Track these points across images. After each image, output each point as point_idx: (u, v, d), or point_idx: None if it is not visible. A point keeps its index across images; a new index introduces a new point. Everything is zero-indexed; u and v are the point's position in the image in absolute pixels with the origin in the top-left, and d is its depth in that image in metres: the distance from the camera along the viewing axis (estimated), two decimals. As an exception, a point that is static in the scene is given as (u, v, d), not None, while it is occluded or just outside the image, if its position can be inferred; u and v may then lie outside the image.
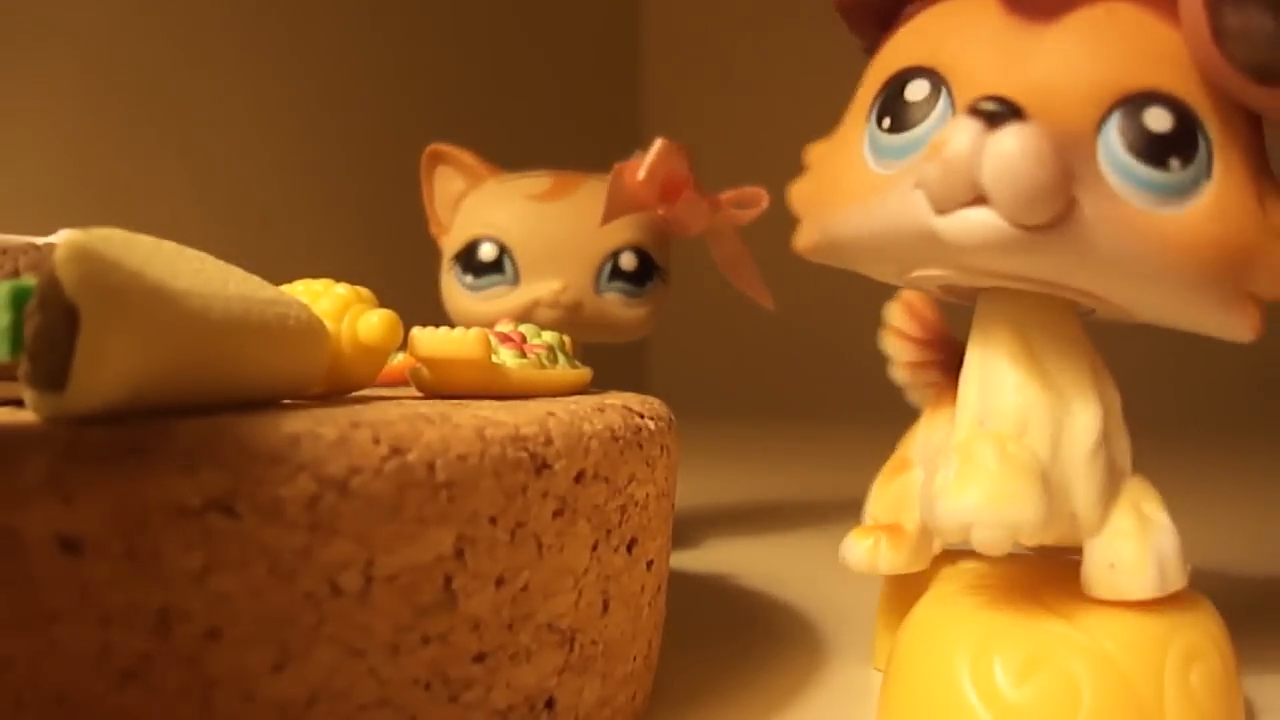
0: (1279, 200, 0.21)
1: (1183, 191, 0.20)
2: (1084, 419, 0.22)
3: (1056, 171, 0.19)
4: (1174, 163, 0.20)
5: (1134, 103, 0.20)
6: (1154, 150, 0.19)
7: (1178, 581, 0.21)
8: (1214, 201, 0.20)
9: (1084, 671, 0.20)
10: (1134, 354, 0.23)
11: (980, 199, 0.19)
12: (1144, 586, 0.21)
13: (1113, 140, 0.20)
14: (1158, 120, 0.20)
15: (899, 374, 0.28)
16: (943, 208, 0.19)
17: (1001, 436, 0.21)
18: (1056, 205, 0.19)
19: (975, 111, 0.19)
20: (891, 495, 0.27)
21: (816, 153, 0.24)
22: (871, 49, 0.24)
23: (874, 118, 0.22)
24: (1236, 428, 1.02)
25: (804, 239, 0.24)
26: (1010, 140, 0.18)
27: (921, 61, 0.21)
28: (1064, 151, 0.19)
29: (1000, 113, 0.19)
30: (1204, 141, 0.20)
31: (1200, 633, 0.22)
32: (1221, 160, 0.20)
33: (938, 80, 0.21)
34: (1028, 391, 0.22)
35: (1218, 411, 1.07)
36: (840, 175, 0.22)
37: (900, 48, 0.22)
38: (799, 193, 0.24)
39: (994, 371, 0.22)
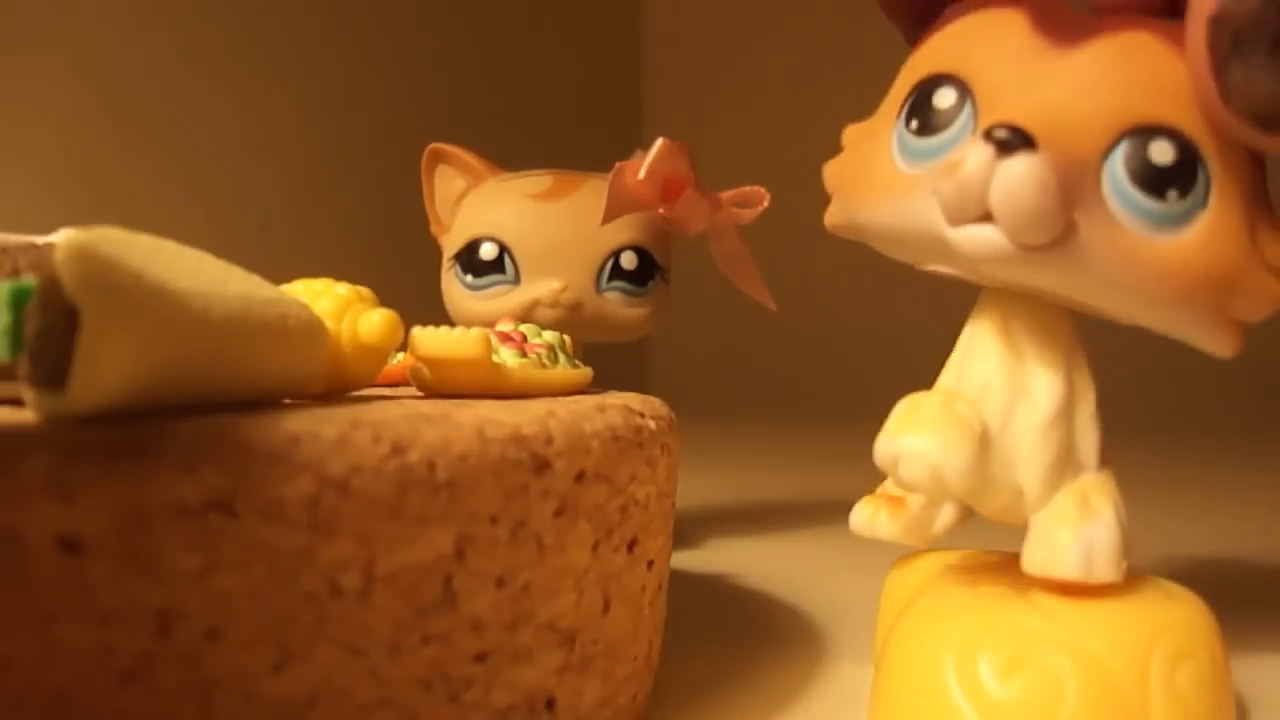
0: (1269, 230, 0.22)
1: (1178, 220, 0.21)
2: (1042, 394, 0.23)
3: (1058, 199, 0.20)
4: (1172, 194, 0.21)
5: (1141, 134, 0.21)
6: (1155, 181, 0.21)
7: (1106, 573, 0.22)
8: (1206, 232, 0.21)
9: (1068, 669, 0.21)
10: (1132, 354, 0.23)
11: (988, 217, 0.20)
12: (1067, 569, 0.22)
13: (1117, 169, 0.21)
14: (1161, 153, 0.21)
15: None
16: (954, 222, 0.21)
17: (951, 393, 0.23)
18: (1055, 230, 0.20)
19: (989, 137, 0.20)
20: None
21: (852, 135, 0.26)
22: (912, 42, 0.25)
23: (903, 117, 0.23)
24: (1231, 427, 1.02)
25: (833, 217, 0.25)
26: (1017, 169, 0.20)
27: (951, 69, 0.22)
28: (1068, 179, 0.20)
29: (1011, 141, 0.20)
30: (1203, 174, 0.21)
31: (1189, 632, 0.22)
32: (1218, 192, 0.21)
33: (964, 90, 0.22)
34: (994, 361, 0.23)
35: (1213, 411, 1.07)
36: (870, 167, 0.24)
37: (934, 52, 0.23)
38: (833, 171, 0.25)
39: (974, 348, 0.24)
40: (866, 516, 0.27)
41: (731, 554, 0.45)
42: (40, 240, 0.23)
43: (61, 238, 0.19)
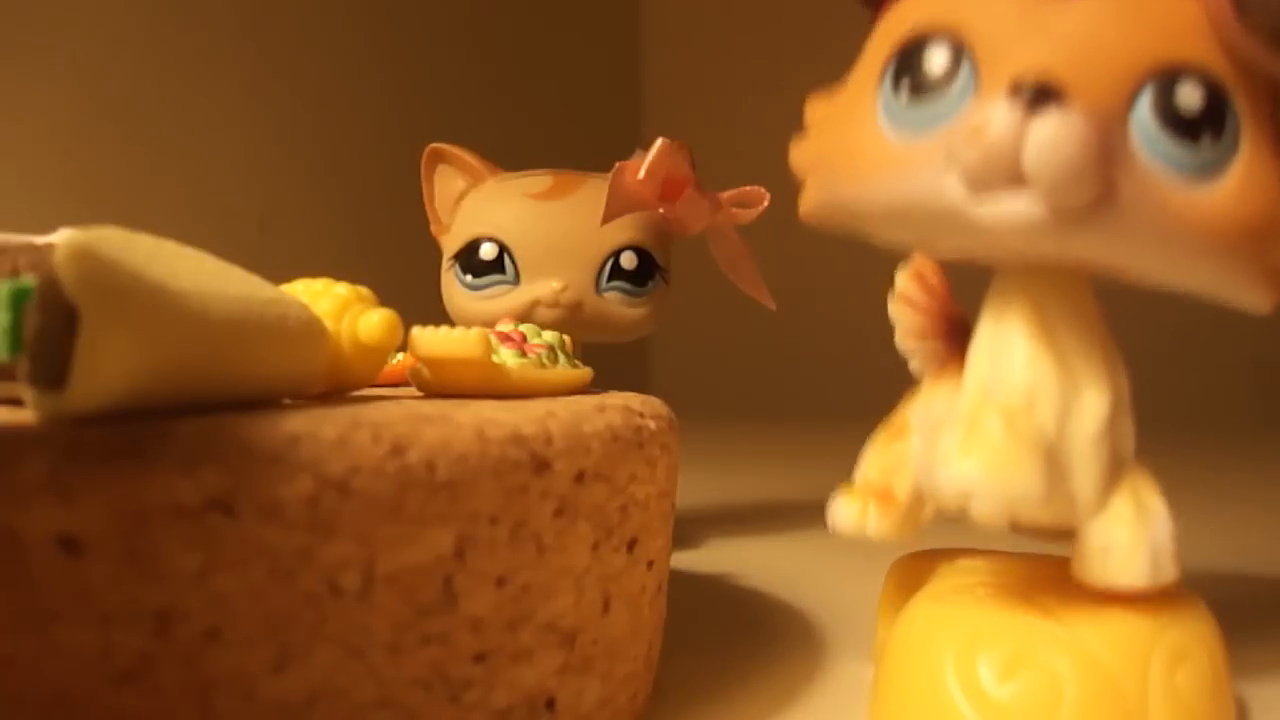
0: None
1: (1213, 169, 0.20)
2: (1093, 402, 0.21)
3: (1098, 155, 0.18)
4: (1206, 140, 0.19)
5: (1166, 78, 0.19)
6: (1187, 127, 0.19)
7: (1169, 573, 0.21)
8: (1242, 179, 0.20)
9: (1067, 669, 0.20)
10: (1131, 352, 0.23)
11: (1018, 182, 0.19)
12: (1136, 574, 0.21)
13: (1145, 117, 0.19)
14: (1190, 96, 0.19)
15: (903, 341, 0.28)
16: (980, 191, 0.19)
17: (1011, 409, 0.21)
18: (1097, 188, 0.19)
19: (1016, 92, 0.18)
20: (886, 459, 0.26)
21: (820, 110, 0.23)
22: (873, 5, 0.23)
23: (889, 82, 0.21)
24: (1231, 427, 1.02)
25: (810, 203, 0.23)
26: (1053, 125, 0.18)
27: (939, 24, 0.20)
28: (1103, 132, 0.19)
29: (1043, 95, 0.18)
30: (1232, 116, 0.20)
31: (1189, 632, 0.22)
32: (1248, 134, 0.20)
33: (959, 46, 0.20)
34: (1039, 367, 0.21)
35: (1213, 411, 1.07)
36: (855, 141, 0.22)
37: (913, 9, 0.21)
38: (803, 153, 0.23)
39: (1007, 343, 0.22)
40: (854, 515, 0.25)
41: (731, 554, 0.45)
42: (40, 240, 0.23)
43: (61, 238, 0.19)
